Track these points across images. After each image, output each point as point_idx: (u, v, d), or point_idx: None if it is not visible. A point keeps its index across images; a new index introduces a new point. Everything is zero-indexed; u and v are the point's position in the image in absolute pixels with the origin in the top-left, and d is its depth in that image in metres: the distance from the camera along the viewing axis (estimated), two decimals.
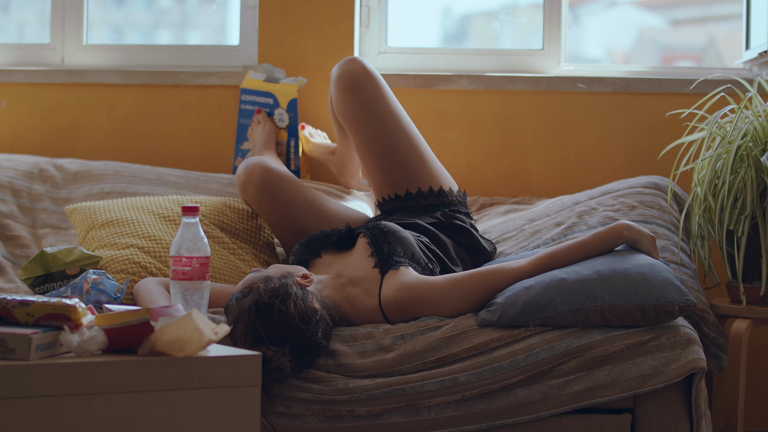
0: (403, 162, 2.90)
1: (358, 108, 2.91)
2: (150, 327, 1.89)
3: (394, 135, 2.90)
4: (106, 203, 2.99)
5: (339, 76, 2.93)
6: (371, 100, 2.90)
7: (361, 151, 2.94)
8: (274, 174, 2.90)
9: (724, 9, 3.90)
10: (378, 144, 2.90)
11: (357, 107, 2.90)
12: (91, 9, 3.73)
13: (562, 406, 2.38)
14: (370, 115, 2.90)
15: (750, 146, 2.82)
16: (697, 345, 2.40)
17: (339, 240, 2.75)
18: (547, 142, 3.50)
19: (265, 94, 3.35)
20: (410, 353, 2.41)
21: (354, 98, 2.90)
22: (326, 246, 2.73)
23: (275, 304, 2.34)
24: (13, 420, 1.78)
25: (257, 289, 2.37)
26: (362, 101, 2.90)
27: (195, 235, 2.30)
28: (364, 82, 2.91)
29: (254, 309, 2.34)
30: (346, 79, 2.90)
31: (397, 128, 2.92)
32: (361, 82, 2.90)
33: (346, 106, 2.92)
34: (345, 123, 2.95)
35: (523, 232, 3.03)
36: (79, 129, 3.61)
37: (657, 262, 2.52)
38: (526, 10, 3.75)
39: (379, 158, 2.91)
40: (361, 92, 2.90)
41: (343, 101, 2.92)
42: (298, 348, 2.34)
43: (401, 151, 2.91)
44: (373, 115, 2.90)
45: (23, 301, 1.90)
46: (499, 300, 2.47)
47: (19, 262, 3.10)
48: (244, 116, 3.42)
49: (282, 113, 3.32)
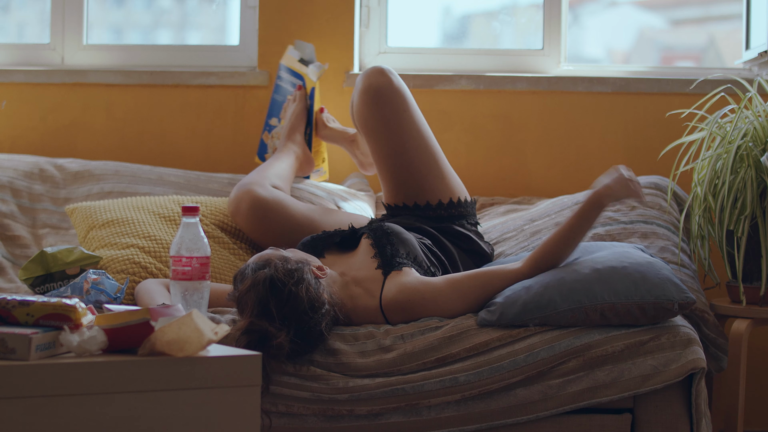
0: (418, 178, 2.86)
1: (380, 122, 2.84)
2: (150, 327, 1.89)
3: (413, 151, 2.85)
4: (107, 203, 2.99)
5: (365, 89, 2.86)
6: (394, 115, 2.83)
7: (378, 161, 2.89)
8: (262, 205, 2.86)
9: (724, 9, 3.90)
10: (396, 158, 2.85)
11: (379, 121, 2.84)
12: (91, 9, 3.73)
13: (562, 406, 2.38)
14: (392, 131, 2.84)
15: (750, 146, 2.82)
16: (697, 345, 2.40)
17: (342, 240, 2.75)
18: (547, 142, 3.50)
19: (298, 75, 3.31)
20: (410, 353, 2.41)
21: (377, 113, 2.83)
22: (329, 246, 2.73)
23: (288, 283, 2.36)
24: (13, 420, 1.78)
25: (275, 265, 2.39)
26: (385, 116, 2.83)
27: (195, 235, 2.30)
28: (389, 96, 2.83)
29: (269, 283, 2.35)
30: (372, 93, 2.83)
31: (416, 144, 2.85)
32: (387, 96, 2.83)
33: (368, 118, 2.86)
34: (364, 133, 2.89)
35: (523, 233, 3.03)
36: (79, 129, 3.61)
37: (656, 261, 2.52)
38: (526, 10, 3.75)
39: (395, 171, 2.87)
40: (386, 107, 2.83)
41: (365, 113, 2.86)
42: (300, 332, 2.35)
43: (417, 168, 2.86)
44: (395, 131, 2.84)
45: (23, 301, 1.90)
46: (499, 300, 2.47)
47: (19, 262, 3.10)
48: (277, 92, 3.37)
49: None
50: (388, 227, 2.66)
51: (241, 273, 2.42)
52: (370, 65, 3.56)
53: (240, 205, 2.88)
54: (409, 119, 2.85)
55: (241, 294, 2.36)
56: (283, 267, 2.39)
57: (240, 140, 3.57)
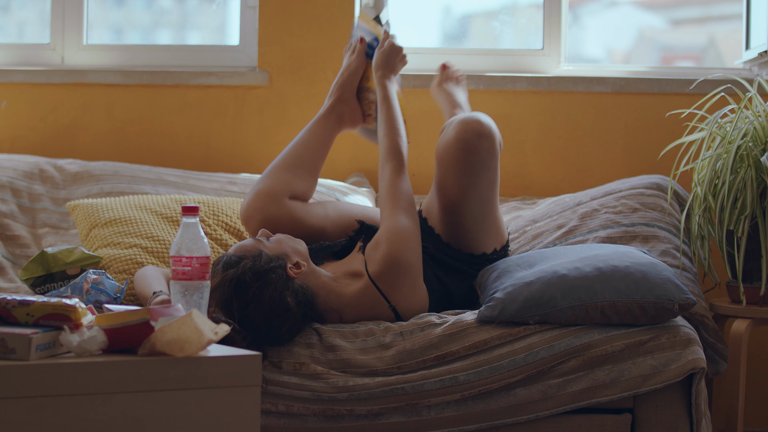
0: (468, 231, 2.75)
1: (460, 171, 2.69)
2: (150, 327, 1.89)
3: (477, 206, 2.73)
4: (109, 201, 3.00)
5: (462, 139, 2.67)
6: (476, 172, 2.69)
7: (440, 194, 2.77)
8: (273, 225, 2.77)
9: (724, 9, 3.90)
10: (458, 205, 2.73)
11: (460, 170, 2.69)
12: (91, 9, 3.73)
13: (562, 405, 2.38)
14: (467, 184, 2.69)
15: (750, 146, 2.82)
16: (697, 345, 2.40)
17: (342, 250, 2.76)
18: (547, 142, 3.50)
19: (371, 34, 2.94)
20: (410, 350, 2.41)
21: (461, 163, 2.68)
22: (328, 257, 2.74)
23: (252, 286, 2.40)
24: (13, 420, 1.78)
25: (244, 265, 2.43)
26: (467, 169, 2.68)
27: (195, 235, 2.30)
28: (482, 154, 2.67)
29: (234, 284, 2.41)
30: (465, 145, 2.67)
31: (484, 201, 2.73)
32: (480, 154, 2.67)
33: (451, 163, 2.70)
34: (440, 168, 2.75)
35: (525, 235, 3.02)
36: (79, 129, 3.61)
37: (658, 261, 2.52)
38: (526, 10, 3.75)
39: (452, 214, 2.75)
40: (473, 162, 2.68)
41: (450, 157, 2.69)
42: (258, 334, 2.39)
43: (473, 221, 2.74)
44: (470, 185, 2.69)
45: (23, 301, 1.90)
46: (500, 296, 2.46)
47: (19, 262, 3.10)
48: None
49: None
50: None
51: (215, 265, 2.48)
52: None
53: (250, 221, 2.82)
54: (488, 177, 2.72)
55: (211, 288, 2.41)
56: (253, 266, 2.43)
57: (240, 140, 3.57)
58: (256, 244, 2.52)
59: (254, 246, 2.51)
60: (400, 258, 2.52)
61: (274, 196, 2.81)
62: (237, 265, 2.44)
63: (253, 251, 2.49)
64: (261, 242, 2.54)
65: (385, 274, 2.52)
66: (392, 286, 2.52)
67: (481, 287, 2.66)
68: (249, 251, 2.49)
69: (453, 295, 2.71)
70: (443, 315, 2.52)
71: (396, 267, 2.52)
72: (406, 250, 2.54)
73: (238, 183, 3.30)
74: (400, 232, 2.56)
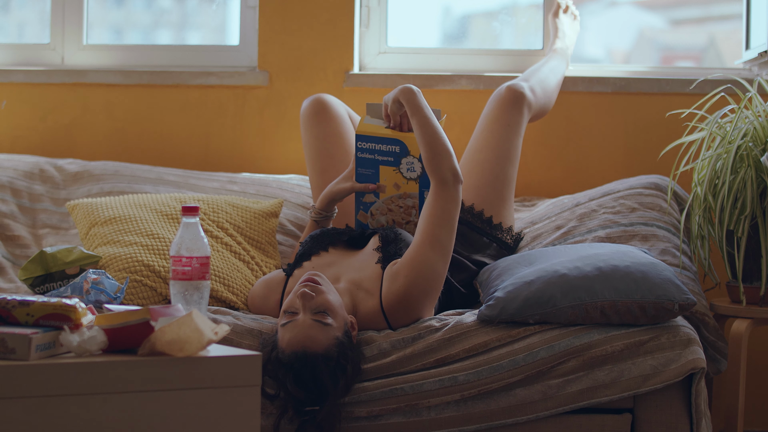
0: (496, 190, 2.96)
1: (503, 124, 3.02)
2: (150, 327, 1.89)
3: (509, 168, 3.00)
4: (108, 200, 3.00)
5: (515, 94, 3.04)
6: (516, 127, 3.03)
7: (474, 156, 3.02)
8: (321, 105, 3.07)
9: (724, 9, 3.90)
10: (493, 164, 2.98)
11: (503, 122, 3.02)
12: (91, 9, 3.73)
13: (562, 406, 2.38)
14: (506, 138, 3.01)
15: (750, 146, 2.82)
16: (696, 345, 2.40)
17: (350, 239, 2.75)
18: (547, 142, 3.50)
19: (391, 141, 2.82)
20: (410, 356, 2.41)
21: (507, 114, 3.03)
22: (336, 243, 2.74)
23: (347, 372, 2.38)
24: (13, 420, 1.78)
25: (332, 351, 2.36)
26: (511, 121, 3.02)
27: (195, 235, 2.30)
28: (523, 110, 3.04)
29: (329, 375, 2.35)
30: (514, 96, 3.04)
31: (513, 165, 3.01)
32: (521, 109, 3.04)
33: (497, 116, 3.04)
34: (484, 122, 3.05)
35: (524, 237, 3.02)
36: (79, 129, 3.61)
37: (658, 261, 2.52)
38: (526, 10, 3.75)
39: (483, 170, 2.97)
40: (517, 117, 3.04)
41: (500, 108, 3.04)
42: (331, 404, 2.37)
43: (502, 183, 2.97)
44: (508, 139, 3.01)
45: (23, 301, 1.90)
46: (500, 294, 2.47)
47: (19, 262, 3.10)
48: (362, 165, 2.85)
49: (413, 162, 2.81)
50: (401, 232, 2.67)
51: (267, 342, 2.43)
52: (370, 65, 3.56)
53: (305, 110, 3.09)
54: (519, 140, 3.03)
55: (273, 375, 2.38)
56: (340, 350, 2.37)
57: (240, 140, 3.57)
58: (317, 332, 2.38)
59: (317, 333, 2.38)
60: (416, 298, 2.51)
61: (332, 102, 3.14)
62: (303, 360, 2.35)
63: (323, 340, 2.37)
64: (321, 322, 2.39)
65: (398, 311, 2.51)
66: (399, 319, 2.52)
67: (482, 285, 2.66)
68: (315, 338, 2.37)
69: (452, 288, 2.72)
70: (443, 317, 2.52)
71: (409, 306, 2.51)
72: (422, 291, 2.51)
73: (239, 182, 3.30)
74: (424, 271, 2.51)
